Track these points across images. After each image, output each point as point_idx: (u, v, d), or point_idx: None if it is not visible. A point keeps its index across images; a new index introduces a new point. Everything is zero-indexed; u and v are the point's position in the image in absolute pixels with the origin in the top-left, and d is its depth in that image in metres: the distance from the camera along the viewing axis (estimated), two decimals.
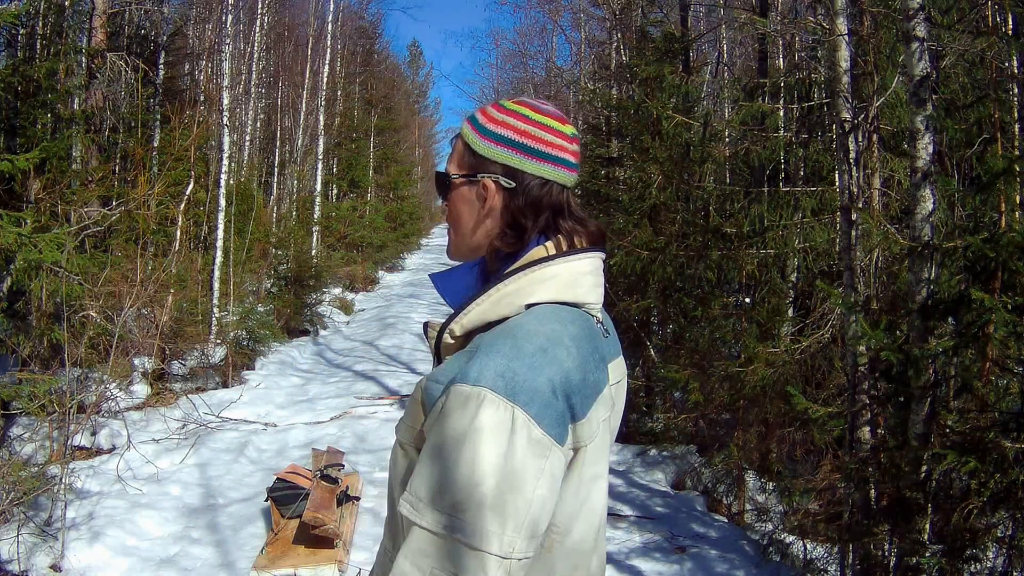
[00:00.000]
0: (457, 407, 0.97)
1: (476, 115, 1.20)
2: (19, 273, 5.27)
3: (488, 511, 0.94)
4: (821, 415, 3.63)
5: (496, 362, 0.99)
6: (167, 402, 7.08)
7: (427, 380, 1.08)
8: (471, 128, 1.19)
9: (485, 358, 1.00)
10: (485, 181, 1.15)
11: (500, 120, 1.16)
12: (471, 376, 0.98)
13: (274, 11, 15.64)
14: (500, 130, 1.16)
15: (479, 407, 0.96)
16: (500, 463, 0.95)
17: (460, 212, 1.19)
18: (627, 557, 4.56)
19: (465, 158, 1.18)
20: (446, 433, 0.98)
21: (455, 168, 1.19)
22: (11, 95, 6.30)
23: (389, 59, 28.32)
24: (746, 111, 6.08)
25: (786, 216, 5.70)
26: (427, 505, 0.98)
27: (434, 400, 1.03)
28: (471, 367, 0.99)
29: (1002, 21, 4.36)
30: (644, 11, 9.69)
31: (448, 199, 1.21)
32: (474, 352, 1.03)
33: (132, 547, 4.23)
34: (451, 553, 0.96)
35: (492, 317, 1.10)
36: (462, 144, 1.19)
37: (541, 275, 1.11)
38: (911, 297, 3.30)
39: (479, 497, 0.94)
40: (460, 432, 0.96)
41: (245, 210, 11.58)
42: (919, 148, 3.25)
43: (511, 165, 1.14)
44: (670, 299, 7.13)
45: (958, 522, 3.01)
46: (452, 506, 0.96)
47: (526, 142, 1.15)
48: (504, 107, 1.19)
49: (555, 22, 17.60)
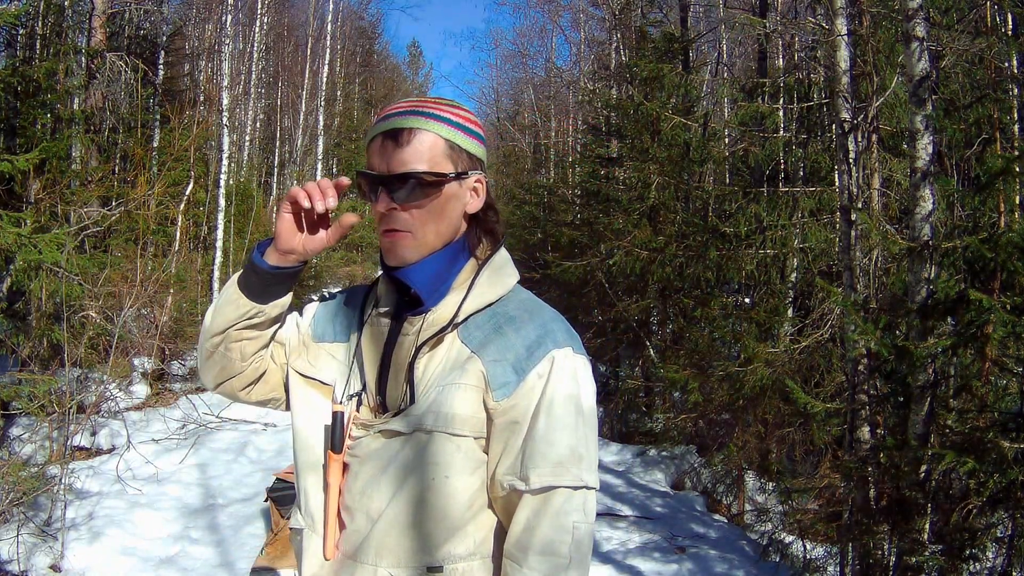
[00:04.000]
0: (558, 368, 1.13)
1: (448, 115, 1.19)
2: (19, 273, 5.27)
3: (594, 450, 1.15)
4: (821, 411, 3.63)
5: (559, 326, 1.18)
6: (167, 402, 7.08)
7: (484, 363, 1.15)
8: (452, 128, 1.19)
9: (547, 325, 1.17)
10: (480, 178, 1.22)
11: (473, 120, 1.23)
12: (558, 340, 1.15)
13: (274, 11, 15.64)
14: (477, 129, 1.23)
15: (576, 365, 1.15)
16: (593, 406, 1.16)
17: (443, 210, 1.19)
18: (626, 557, 4.56)
19: (450, 156, 1.18)
20: (561, 393, 1.13)
21: (439, 167, 1.17)
22: (11, 95, 6.29)
23: (389, 59, 28.37)
24: (745, 111, 6.09)
25: (785, 216, 5.70)
26: (566, 464, 1.12)
27: (509, 375, 1.14)
28: (548, 336, 1.15)
29: (1001, 21, 4.36)
30: (644, 11, 9.70)
31: (428, 199, 1.17)
32: (509, 325, 1.17)
33: (132, 547, 4.23)
34: (584, 501, 1.13)
35: (492, 298, 1.21)
36: (441, 142, 1.17)
37: (503, 257, 1.26)
38: (910, 297, 3.30)
39: (591, 440, 1.15)
40: (572, 390, 1.14)
41: (245, 210, 11.58)
42: (918, 148, 3.25)
43: (484, 161, 1.23)
44: (669, 299, 7.14)
45: (957, 522, 3.01)
46: (579, 457, 1.13)
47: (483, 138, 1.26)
48: (460, 105, 1.24)
49: (555, 22, 17.62)
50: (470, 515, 1.18)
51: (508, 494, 1.15)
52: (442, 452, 1.16)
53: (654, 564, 4.46)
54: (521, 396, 1.13)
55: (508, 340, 1.16)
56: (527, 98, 21.08)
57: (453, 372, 1.17)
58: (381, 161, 1.16)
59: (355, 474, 1.22)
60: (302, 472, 1.27)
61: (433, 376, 1.19)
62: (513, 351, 1.15)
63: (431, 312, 1.21)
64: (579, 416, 1.14)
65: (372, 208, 1.18)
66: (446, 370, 1.18)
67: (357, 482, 1.21)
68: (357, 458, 1.22)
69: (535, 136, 19.02)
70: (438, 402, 1.16)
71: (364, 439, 1.22)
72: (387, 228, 1.17)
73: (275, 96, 17.48)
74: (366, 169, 1.18)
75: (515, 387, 1.14)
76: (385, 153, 1.16)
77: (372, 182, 1.17)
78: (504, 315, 1.20)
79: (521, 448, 1.13)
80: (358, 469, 1.22)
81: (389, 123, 1.17)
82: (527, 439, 1.13)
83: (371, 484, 1.19)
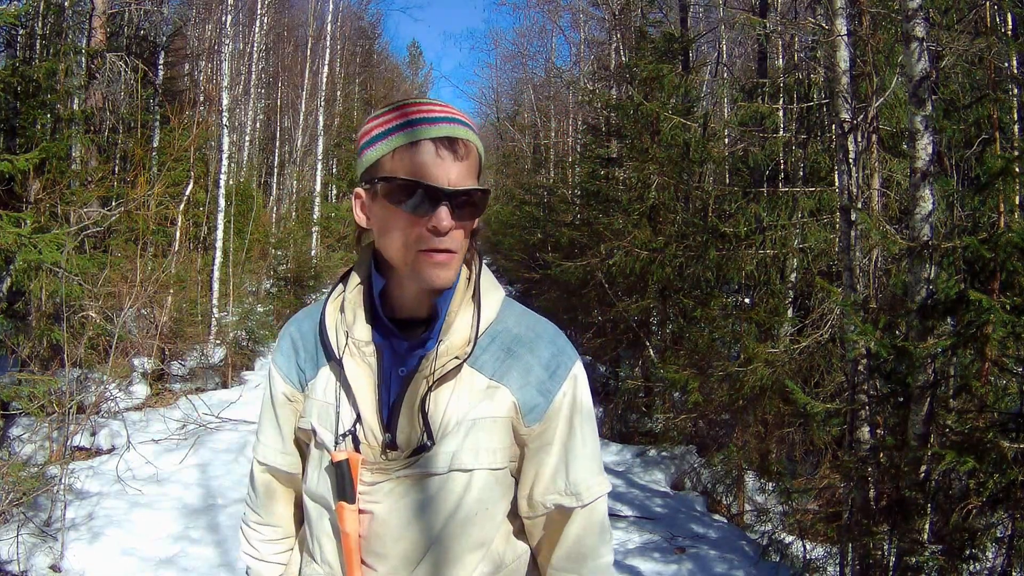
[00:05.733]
0: (579, 384, 1.18)
1: (473, 126, 1.11)
2: (19, 273, 5.27)
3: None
4: (820, 411, 3.63)
5: (562, 338, 1.19)
6: (167, 402, 7.07)
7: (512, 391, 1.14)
8: (479, 141, 1.12)
9: (557, 343, 1.18)
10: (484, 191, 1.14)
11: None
12: (569, 355, 1.18)
13: (274, 11, 15.65)
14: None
15: (584, 375, 1.20)
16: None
17: (468, 229, 1.11)
18: (626, 557, 4.56)
19: (481, 171, 1.12)
20: (585, 407, 1.19)
21: (479, 183, 1.10)
22: (11, 95, 6.29)
23: (389, 59, 28.39)
24: (745, 111, 6.09)
25: (784, 216, 5.70)
26: (599, 472, 1.22)
27: (537, 400, 1.15)
28: (561, 354, 1.17)
29: (1001, 21, 4.37)
30: (643, 11, 9.69)
31: (476, 218, 1.10)
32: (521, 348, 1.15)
33: (132, 547, 4.23)
34: (605, 505, 1.23)
35: (492, 316, 1.17)
36: (479, 158, 1.11)
37: (487, 271, 1.21)
38: (910, 297, 3.30)
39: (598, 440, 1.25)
40: (588, 400, 1.20)
41: (245, 210, 11.58)
42: (918, 148, 3.25)
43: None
44: (669, 299, 7.13)
45: (957, 522, 3.01)
46: (602, 461, 1.24)
47: None
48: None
49: (554, 22, 17.63)
50: (497, 534, 1.19)
51: (550, 512, 1.18)
52: (484, 488, 1.15)
53: (654, 564, 4.46)
54: (551, 418, 1.15)
55: (526, 363, 1.14)
56: (527, 98, 21.09)
57: (482, 404, 1.13)
58: (441, 172, 1.04)
59: (383, 521, 1.15)
60: (314, 520, 1.21)
61: (456, 409, 1.13)
62: (535, 374, 1.14)
63: (444, 343, 1.12)
64: (594, 422, 1.21)
65: (408, 221, 1.06)
66: (471, 402, 1.13)
67: (389, 528, 1.15)
68: (380, 504, 1.15)
69: (535, 136, 19.02)
70: (475, 438, 1.12)
71: (384, 484, 1.15)
72: (444, 248, 1.06)
73: (275, 96, 17.49)
74: (414, 178, 1.04)
75: (544, 410, 1.15)
76: (443, 164, 1.04)
77: (428, 194, 1.04)
78: (508, 334, 1.16)
79: (560, 467, 1.16)
80: (387, 516, 1.15)
81: (440, 129, 1.05)
82: (568, 457, 1.17)
83: (408, 528, 1.14)
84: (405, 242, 1.07)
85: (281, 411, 1.26)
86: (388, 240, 1.09)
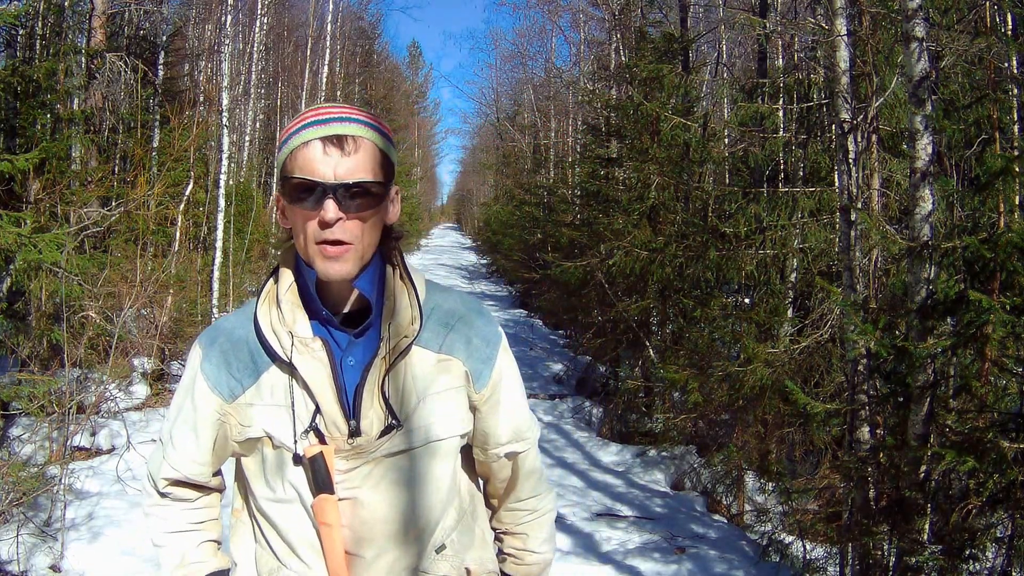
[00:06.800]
0: (507, 348, 1.33)
1: (376, 124, 1.18)
2: (19, 273, 5.27)
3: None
4: (820, 411, 3.63)
5: (485, 308, 1.33)
6: (167, 402, 7.07)
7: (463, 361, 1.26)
8: (384, 139, 1.19)
9: (484, 314, 1.32)
10: (397, 188, 1.25)
11: (388, 128, 1.25)
12: (494, 322, 1.32)
13: (274, 12, 15.64)
14: (393, 138, 1.25)
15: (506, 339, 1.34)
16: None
17: (379, 221, 1.19)
18: (626, 557, 4.56)
19: (383, 166, 1.17)
20: (513, 366, 1.34)
21: (378, 176, 1.16)
22: (11, 95, 6.29)
23: (389, 60, 28.36)
24: (745, 111, 6.08)
25: (784, 216, 5.70)
26: (531, 414, 1.39)
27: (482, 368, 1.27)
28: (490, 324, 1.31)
29: (1001, 21, 4.36)
30: (643, 11, 9.70)
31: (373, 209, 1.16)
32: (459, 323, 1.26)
33: (132, 547, 4.22)
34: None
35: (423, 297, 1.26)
36: (378, 152, 1.17)
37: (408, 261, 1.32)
38: (910, 297, 3.30)
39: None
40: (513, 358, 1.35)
41: (244, 210, 11.58)
42: (918, 148, 3.25)
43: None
44: (669, 299, 7.13)
45: (957, 522, 3.01)
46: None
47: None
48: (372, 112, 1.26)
49: (554, 23, 17.63)
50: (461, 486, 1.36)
51: (502, 459, 1.35)
52: (452, 452, 1.28)
53: (654, 564, 4.46)
54: (495, 382, 1.29)
55: (465, 335, 1.26)
56: (527, 98, 21.08)
57: (440, 377, 1.24)
58: (326, 168, 1.11)
59: (368, 503, 1.20)
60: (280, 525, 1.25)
61: (414, 385, 1.21)
62: (475, 344, 1.26)
63: (391, 325, 1.19)
64: (519, 374, 1.37)
65: (303, 216, 1.13)
66: (428, 376, 1.23)
67: (375, 510, 1.21)
68: (360, 488, 1.20)
69: (535, 136, 19.02)
70: (443, 409, 1.24)
71: (359, 468, 1.20)
72: (333, 239, 1.12)
73: (275, 96, 17.48)
74: (303, 176, 1.12)
75: (489, 375, 1.28)
76: (330, 160, 1.12)
77: (316, 190, 1.11)
78: (441, 310, 1.27)
79: (508, 421, 1.32)
80: (371, 498, 1.20)
81: (330, 128, 1.13)
82: (513, 411, 1.32)
83: (394, 507, 1.21)
84: (305, 237, 1.14)
85: (202, 421, 1.24)
86: (297, 238, 1.17)
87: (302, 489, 1.20)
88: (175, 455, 1.28)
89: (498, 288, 20.09)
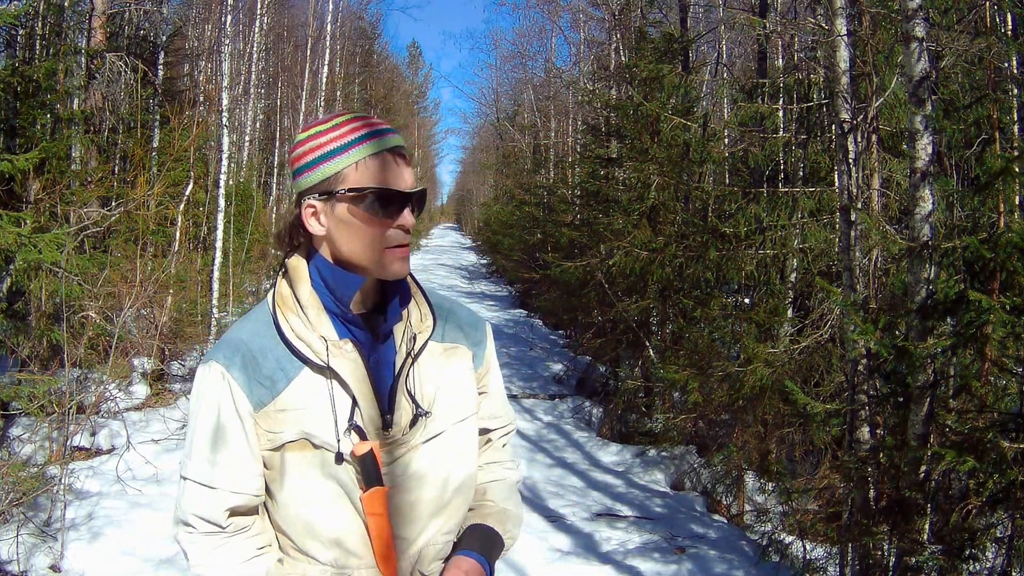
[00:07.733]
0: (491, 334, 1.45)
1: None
2: (19, 273, 5.27)
3: None
4: (820, 411, 3.63)
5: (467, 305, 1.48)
6: (166, 402, 7.07)
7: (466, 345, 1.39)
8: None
9: (465, 305, 1.47)
10: None
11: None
12: (477, 314, 1.45)
13: (274, 12, 15.64)
14: None
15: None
16: None
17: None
18: (626, 557, 4.56)
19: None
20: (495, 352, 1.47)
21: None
22: (11, 95, 6.29)
23: (389, 60, 28.34)
24: (745, 111, 6.08)
25: (784, 216, 5.70)
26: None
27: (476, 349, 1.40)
28: (472, 312, 1.45)
29: (1001, 21, 4.37)
30: (643, 11, 9.70)
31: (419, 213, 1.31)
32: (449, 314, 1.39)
33: (132, 547, 4.23)
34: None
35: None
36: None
37: None
38: (910, 297, 3.30)
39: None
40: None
41: (244, 210, 11.57)
42: (918, 148, 3.25)
43: None
44: (669, 299, 7.13)
45: (957, 522, 3.01)
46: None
47: None
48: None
49: (554, 23, 17.63)
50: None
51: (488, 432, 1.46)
52: (475, 431, 1.38)
53: (654, 564, 4.46)
54: (487, 364, 1.43)
55: (456, 323, 1.39)
56: (527, 98, 21.09)
57: (452, 363, 1.35)
58: (400, 178, 1.23)
59: (413, 488, 1.28)
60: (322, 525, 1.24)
61: (430, 375, 1.32)
62: (467, 331, 1.40)
63: (409, 322, 1.32)
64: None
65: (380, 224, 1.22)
66: (441, 365, 1.34)
67: (420, 492, 1.28)
68: (403, 475, 1.27)
69: (535, 136, 19.02)
70: (462, 392, 1.36)
71: (402, 458, 1.27)
72: (406, 243, 1.25)
73: (275, 96, 17.48)
74: (385, 186, 1.22)
75: (482, 356, 1.41)
76: (399, 170, 1.23)
77: (397, 199, 1.22)
78: (435, 305, 1.37)
79: (497, 399, 1.45)
80: (415, 483, 1.28)
81: (388, 141, 1.23)
82: (498, 389, 1.46)
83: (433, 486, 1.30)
84: (372, 242, 1.22)
85: (248, 429, 1.23)
86: (352, 242, 1.23)
87: (348, 486, 1.23)
88: (228, 476, 1.23)
89: (498, 288, 20.09)
